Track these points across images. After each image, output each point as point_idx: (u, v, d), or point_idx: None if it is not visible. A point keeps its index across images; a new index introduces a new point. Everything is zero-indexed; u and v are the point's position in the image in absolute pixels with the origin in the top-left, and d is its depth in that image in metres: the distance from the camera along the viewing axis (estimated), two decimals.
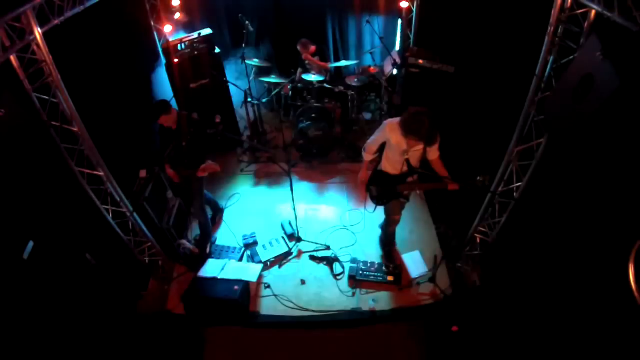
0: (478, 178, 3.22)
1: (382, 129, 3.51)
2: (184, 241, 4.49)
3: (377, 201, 3.87)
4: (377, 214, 4.87)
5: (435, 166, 3.53)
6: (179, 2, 5.18)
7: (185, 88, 5.16)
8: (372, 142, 3.65)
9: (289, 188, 4.26)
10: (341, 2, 6.31)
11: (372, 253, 4.55)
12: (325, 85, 5.63)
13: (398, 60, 5.34)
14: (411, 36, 5.83)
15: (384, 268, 4.26)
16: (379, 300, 4.07)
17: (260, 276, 4.23)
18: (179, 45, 4.91)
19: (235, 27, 5.91)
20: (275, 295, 4.15)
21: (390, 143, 3.50)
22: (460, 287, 4.23)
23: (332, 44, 6.64)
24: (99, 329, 3.69)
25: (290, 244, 4.59)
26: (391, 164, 3.62)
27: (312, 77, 5.51)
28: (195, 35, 5.00)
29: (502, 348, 3.55)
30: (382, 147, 3.68)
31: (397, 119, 3.34)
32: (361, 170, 3.84)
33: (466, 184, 3.31)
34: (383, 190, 3.74)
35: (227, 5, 6.31)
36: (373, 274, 4.20)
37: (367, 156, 3.73)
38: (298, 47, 5.82)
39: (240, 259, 4.46)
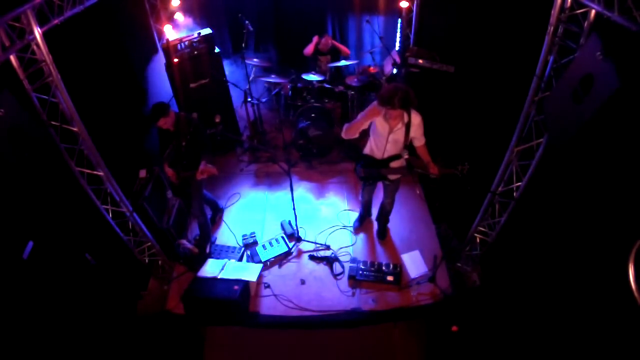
0: (458, 167, 3.37)
1: (369, 108, 3.37)
2: (183, 241, 4.49)
3: (365, 181, 4.12)
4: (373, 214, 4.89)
5: (420, 153, 3.67)
6: (179, 2, 5.19)
7: (185, 88, 5.16)
8: (357, 122, 3.46)
9: (289, 188, 4.26)
10: (341, 2, 6.31)
11: (372, 253, 4.55)
12: (325, 85, 5.64)
13: (398, 60, 5.34)
14: (411, 36, 5.83)
15: (384, 268, 4.26)
16: (379, 300, 4.08)
17: (260, 276, 4.23)
18: (179, 45, 4.90)
19: (236, 28, 5.90)
20: (275, 295, 4.15)
21: (375, 125, 3.59)
22: (460, 287, 4.23)
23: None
24: (99, 329, 3.69)
25: (290, 244, 4.59)
26: (376, 148, 3.72)
27: (312, 77, 5.51)
28: (195, 35, 5.00)
29: (502, 348, 3.55)
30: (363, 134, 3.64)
31: None
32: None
33: (446, 170, 3.48)
34: (369, 171, 3.89)
35: (227, 5, 6.31)
36: (373, 274, 4.20)
37: (347, 135, 3.55)
38: (321, 44, 5.82)
39: (240, 259, 4.46)
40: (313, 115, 5.40)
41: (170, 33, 5.13)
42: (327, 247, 4.59)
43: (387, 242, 4.66)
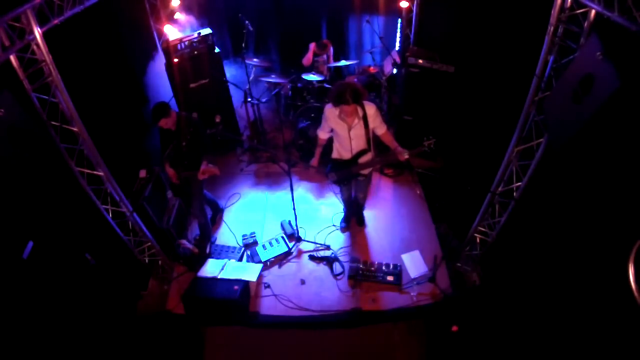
0: (424, 142, 3.45)
1: (323, 114, 3.70)
2: (184, 241, 4.49)
3: (339, 184, 4.17)
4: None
5: (385, 140, 3.74)
6: (179, 2, 5.19)
7: (185, 88, 5.16)
8: (320, 130, 3.91)
9: (289, 188, 4.26)
10: (341, 2, 6.32)
11: (372, 253, 4.55)
12: (325, 85, 5.64)
13: (398, 60, 5.35)
14: (411, 36, 5.83)
15: (384, 268, 4.26)
16: (379, 300, 4.07)
17: (260, 276, 4.23)
18: (178, 45, 4.90)
19: (236, 28, 5.91)
20: (275, 295, 4.15)
21: (335, 127, 3.70)
22: (460, 287, 4.23)
23: (332, 44, 6.66)
24: (99, 329, 3.69)
25: (290, 244, 4.59)
26: (342, 149, 3.81)
27: (312, 77, 5.51)
28: (195, 35, 5.00)
29: (502, 348, 3.55)
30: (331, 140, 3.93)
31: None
32: (314, 159, 4.09)
33: (414, 151, 3.54)
34: (341, 174, 3.97)
35: (227, 5, 6.31)
36: (373, 274, 4.20)
37: (319, 143, 3.98)
38: (316, 50, 5.82)
39: (240, 259, 4.46)
40: (313, 115, 5.40)
41: (170, 33, 5.13)
42: (327, 247, 4.59)
43: (387, 242, 4.66)
